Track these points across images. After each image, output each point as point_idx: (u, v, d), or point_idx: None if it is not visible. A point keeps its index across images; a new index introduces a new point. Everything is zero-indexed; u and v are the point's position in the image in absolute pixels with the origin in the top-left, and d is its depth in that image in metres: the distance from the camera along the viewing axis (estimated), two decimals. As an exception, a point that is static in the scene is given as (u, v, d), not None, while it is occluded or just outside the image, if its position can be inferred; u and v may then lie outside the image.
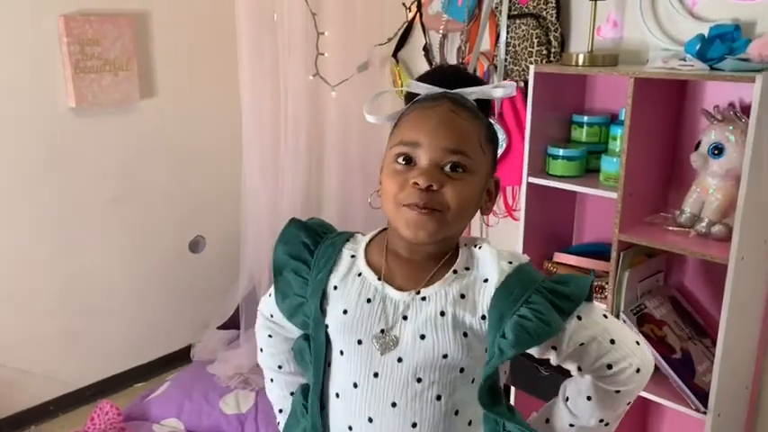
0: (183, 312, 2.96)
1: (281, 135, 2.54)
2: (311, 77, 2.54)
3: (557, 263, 2.06)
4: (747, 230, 1.61)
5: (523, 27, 2.08)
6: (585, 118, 2.01)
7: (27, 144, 2.38)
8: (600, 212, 2.11)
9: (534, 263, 2.01)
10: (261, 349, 1.20)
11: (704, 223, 1.74)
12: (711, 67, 1.66)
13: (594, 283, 1.93)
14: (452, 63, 2.35)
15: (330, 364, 1.02)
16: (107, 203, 2.63)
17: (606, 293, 1.88)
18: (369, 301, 0.98)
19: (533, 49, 2.05)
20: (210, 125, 2.86)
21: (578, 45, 2.06)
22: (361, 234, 1.07)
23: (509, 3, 2.12)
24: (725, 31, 1.71)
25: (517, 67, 2.13)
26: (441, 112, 0.94)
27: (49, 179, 2.45)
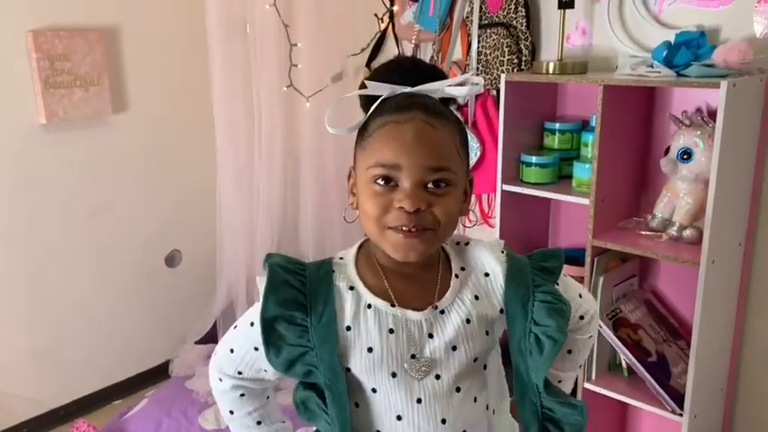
0: (161, 327, 2.92)
1: (254, 147, 2.54)
2: (285, 89, 2.54)
3: (533, 269, 2.07)
4: (718, 234, 1.64)
5: (494, 36, 2.10)
6: (557, 125, 2.03)
7: (-4, 161, 2.35)
8: (574, 218, 2.13)
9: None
10: (231, 412, 1.12)
11: (675, 227, 1.77)
12: (678, 74, 1.69)
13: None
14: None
15: (358, 404, 0.97)
16: (80, 220, 2.59)
17: (582, 299, 1.89)
18: (392, 331, 0.93)
19: (504, 57, 2.07)
20: (184, 138, 2.84)
21: (548, 53, 2.08)
22: (338, 258, 1.00)
23: (480, 12, 2.14)
24: (690, 37, 1.74)
25: (489, 76, 2.14)
26: (415, 126, 0.89)
27: (19, 197, 2.42)
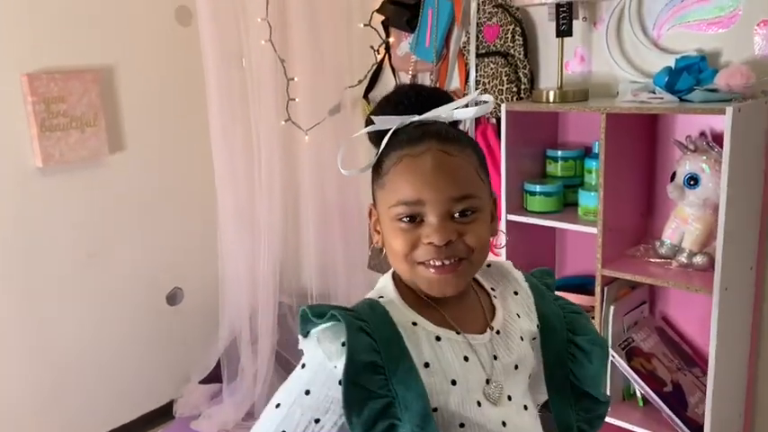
0: (164, 367, 2.88)
1: (254, 182, 2.52)
2: (283, 123, 2.53)
3: (541, 299, 2.04)
4: (729, 260, 1.61)
5: (492, 65, 2.09)
6: (560, 152, 2.01)
7: (-6, 207, 2.32)
8: (581, 245, 2.10)
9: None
10: None
11: (685, 254, 1.74)
12: (681, 99, 1.67)
13: (580, 319, 1.93)
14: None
15: None
16: (80, 261, 2.56)
17: (593, 329, 1.85)
18: (466, 359, 0.91)
19: (503, 86, 2.06)
20: (183, 176, 2.82)
21: (548, 80, 2.06)
22: (377, 298, 0.93)
23: (477, 41, 2.13)
24: (691, 62, 1.72)
25: (489, 105, 2.13)
26: (432, 157, 0.87)
27: (17, 241, 2.38)
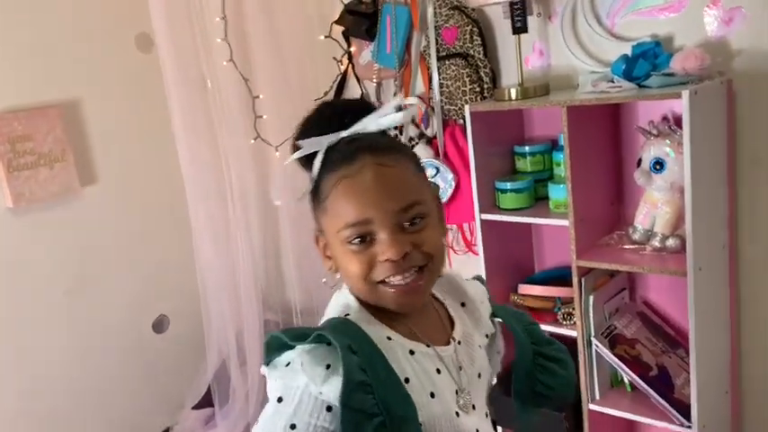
0: (156, 396, 2.86)
1: (227, 202, 2.51)
2: (252, 141, 2.52)
3: (522, 295, 2.05)
4: (701, 240, 1.62)
5: (453, 67, 2.10)
6: (527, 148, 2.02)
7: (-33, 251, 2.30)
8: (557, 237, 2.11)
9: (500, 296, 2.01)
10: None
11: (658, 238, 1.75)
12: (639, 85, 1.69)
13: (562, 311, 1.94)
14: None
15: None
16: (60, 298, 2.54)
17: (575, 319, 1.87)
18: (439, 371, 0.90)
19: (466, 87, 2.07)
20: (156, 202, 2.81)
21: (509, 78, 2.08)
22: (342, 317, 0.90)
23: (436, 45, 2.14)
24: (647, 48, 1.74)
25: (454, 107, 2.14)
26: (370, 173, 0.85)
27: (-4, 283, 2.37)
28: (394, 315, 0.91)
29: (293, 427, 0.81)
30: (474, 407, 0.94)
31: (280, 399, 0.83)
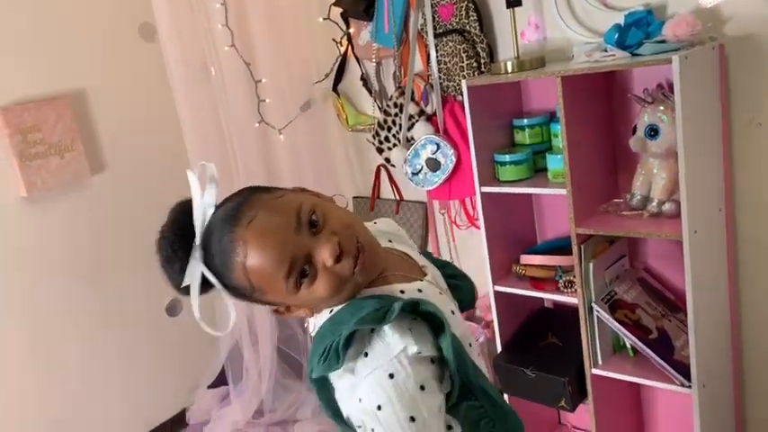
0: (172, 377, 2.93)
1: (234, 185, 2.54)
2: (257, 125, 2.57)
3: (523, 265, 2.09)
4: (695, 204, 1.65)
5: (450, 44, 2.13)
6: (525, 120, 2.06)
7: (-16, 241, 2.37)
8: (557, 208, 2.14)
9: (502, 267, 2.03)
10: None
11: (654, 203, 1.78)
12: (632, 54, 1.71)
13: (563, 279, 1.98)
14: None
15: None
16: (77, 284, 2.61)
17: (575, 287, 1.91)
18: (440, 293, 1.02)
19: (464, 63, 2.10)
20: (165, 187, 2.82)
21: (505, 52, 2.11)
22: (356, 296, 0.96)
23: (433, 22, 2.17)
24: (639, 17, 1.76)
25: (452, 83, 2.17)
26: (258, 226, 0.86)
27: (12, 271, 2.43)
28: (381, 277, 0.97)
29: (422, 388, 0.86)
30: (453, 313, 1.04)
31: (391, 374, 0.85)
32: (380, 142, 2.46)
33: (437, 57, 2.19)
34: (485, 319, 2.46)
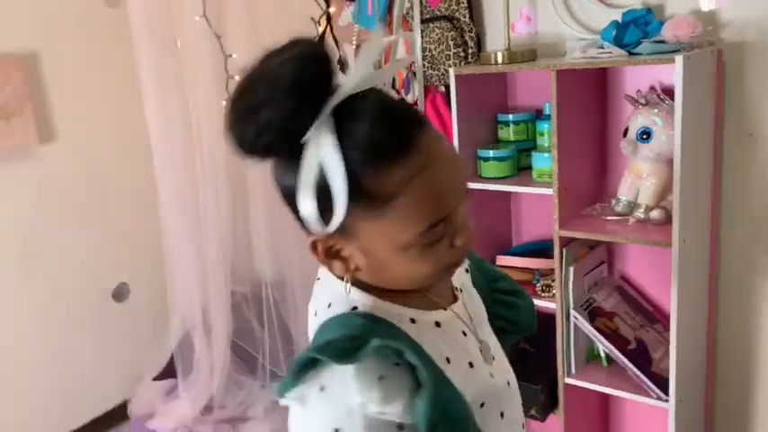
0: (114, 367, 2.75)
1: (197, 165, 2.40)
2: (224, 102, 2.42)
3: (501, 266, 2.00)
4: (686, 212, 1.60)
5: (438, 30, 2.03)
6: (511, 116, 1.97)
7: None
8: (536, 210, 2.07)
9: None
10: None
11: (642, 209, 1.72)
12: (629, 52, 1.65)
13: (541, 283, 1.90)
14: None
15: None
16: (14, 261, 2.41)
17: (554, 291, 1.83)
18: (465, 334, 0.82)
19: (450, 51, 2.00)
20: (119, 164, 2.68)
21: (494, 44, 2.02)
22: (349, 310, 0.76)
23: (420, 7, 2.07)
24: (637, 15, 1.70)
25: (436, 72, 2.07)
26: (441, 154, 0.68)
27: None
28: (408, 291, 0.77)
29: None
30: (494, 358, 0.86)
31: (336, 430, 0.68)
32: (355, 130, 2.35)
33: (422, 43, 2.09)
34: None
